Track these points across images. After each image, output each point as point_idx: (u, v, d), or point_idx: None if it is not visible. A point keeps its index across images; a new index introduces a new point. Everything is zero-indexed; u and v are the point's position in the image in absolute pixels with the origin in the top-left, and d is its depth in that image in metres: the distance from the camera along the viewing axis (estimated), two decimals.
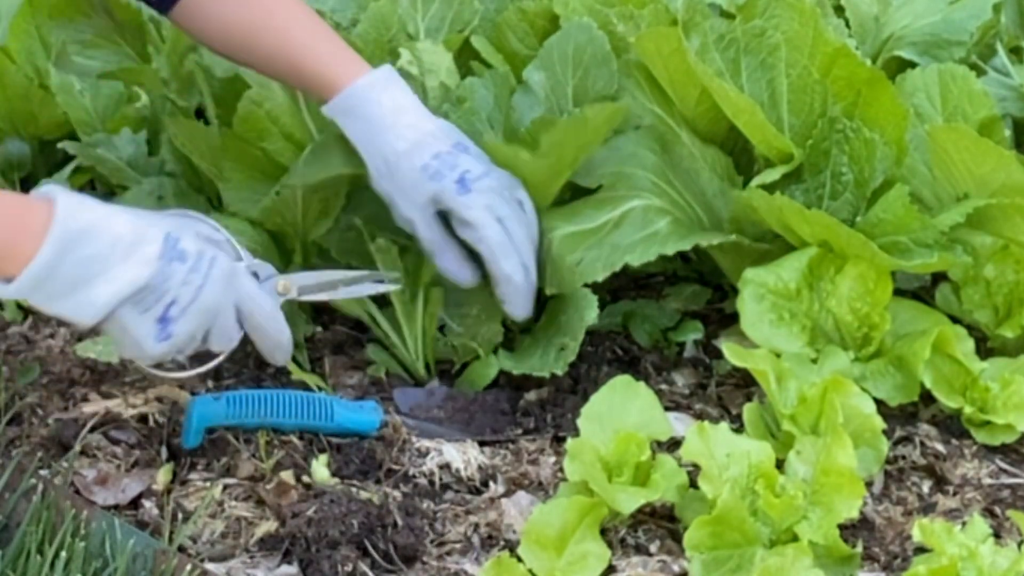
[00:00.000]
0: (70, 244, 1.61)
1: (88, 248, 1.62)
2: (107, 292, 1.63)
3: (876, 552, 1.73)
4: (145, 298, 1.66)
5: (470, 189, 1.93)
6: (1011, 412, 1.89)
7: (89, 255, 1.62)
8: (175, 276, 1.68)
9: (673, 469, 1.76)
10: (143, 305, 1.67)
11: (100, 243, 1.63)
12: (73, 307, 1.64)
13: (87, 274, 1.62)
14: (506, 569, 1.63)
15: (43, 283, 1.61)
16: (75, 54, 2.33)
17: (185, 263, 1.69)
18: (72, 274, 1.61)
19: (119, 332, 1.69)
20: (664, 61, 2.02)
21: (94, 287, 1.63)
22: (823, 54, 2.00)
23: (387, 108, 1.96)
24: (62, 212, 1.61)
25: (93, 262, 1.62)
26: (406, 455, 1.88)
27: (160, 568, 1.64)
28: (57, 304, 1.63)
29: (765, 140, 2.00)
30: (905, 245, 1.90)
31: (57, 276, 1.61)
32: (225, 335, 1.77)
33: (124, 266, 1.64)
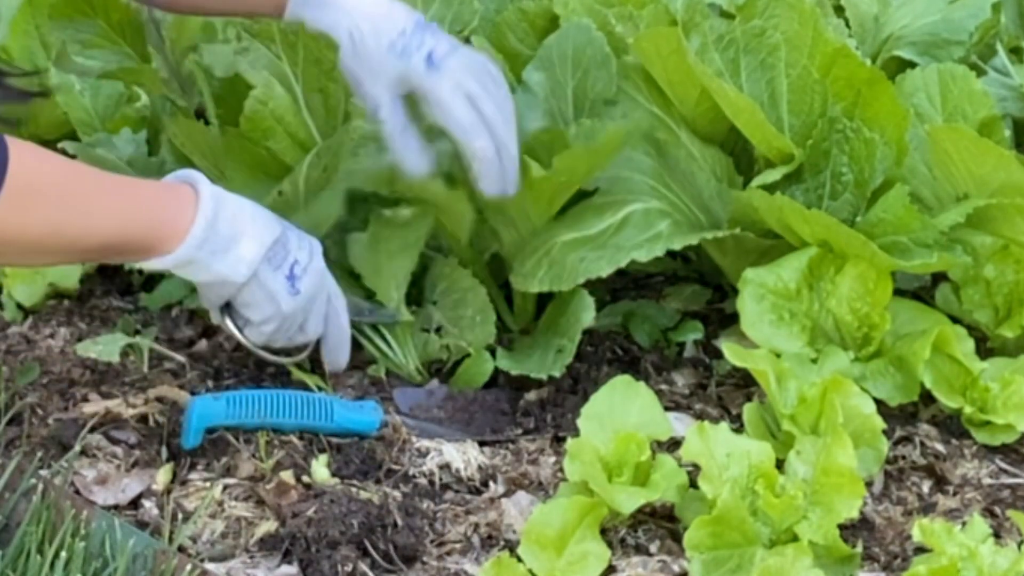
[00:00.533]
0: (220, 205, 1.81)
1: (231, 209, 1.82)
2: (253, 247, 1.83)
3: (876, 552, 1.73)
4: (276, 254, 1.86)
5: (438, 67, 1.92)
6: (1011, 412, 1.89)
7: (233, 214, 1.82)
8: (292, 240, 1.89)
9: (673, 469, 1.76)
10: (275, 262, 1.86)
11: (236, 207, 1.83)
12: (230, 264, 1.83)
13: (236, 232, 1.82)
14: (506, 569, 1.63)
15: (206, 242, 1.79)
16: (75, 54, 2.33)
17: (295, 233, 1.90)
18: (226, 232, 1.81)
19: (258, 290, 1.87)
20: (663, 61, 2.02)
21: (242, 244, 1.82)
22: (823, 54, 2.00)
23: None
24: (205, 183, 1.82)
25: (237, 221, 1.82)
26: (406, 455, 1.88)
27: (160, 568, 1.64)
28: (217, 263, 1.81)
29: (765, 140, 2.00)
30: (905, 245, 1.90)
31: (215, 234, 1.80)
32: (319, 318, 1.94)
33: (259, 224, 1.85)
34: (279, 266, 1.87)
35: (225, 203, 1.82)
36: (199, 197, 1.80)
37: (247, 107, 2.12)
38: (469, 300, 2.08)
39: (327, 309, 1.96)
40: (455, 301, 2.09)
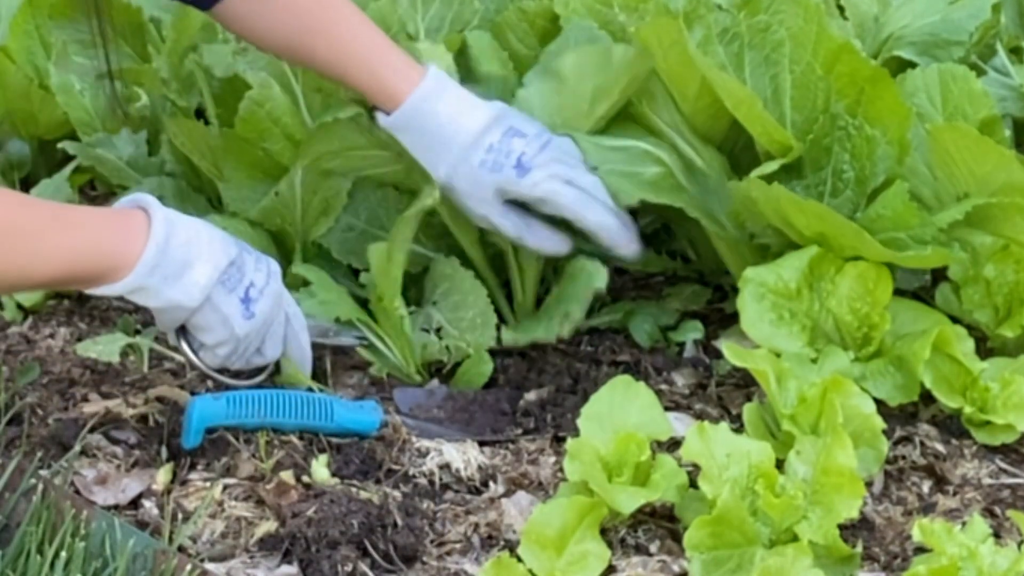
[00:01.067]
0: (171, 231, 1.79)
1: (184, 234, 1.81)
2: (207, 271, 1.82)
3: (876, 552, 1.73)
4: (231, 277, 1.85)
5: (529, 168, 1.99)
6: (1011, 412, 1.89)
7: (186, 239, 1.81)
8: (248, 263, 1.88)
9: (673, 469, 1.76)
10: (230, 284, 1.85)
11: (190, 231, 1.82)
12: (181, 290, 1.81)
13: (189, 257, 1.81)
14: (506, 569, 1.63)
15: (156, 268, 1.78)
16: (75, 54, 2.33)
17: (251, 255, 1.90)
18: (179, 257, 1.80)
19: (212, 314, 1.86)
20: (664, 52, 2.01)
21: (195, 268, 1.81)
22: (827, 50, 2.00)
23: (443, 118, 2.01)
24: (157, 208, 1.81)
25: (191, 245, 1.81)
26: (406, 455, 1.88)
27: (160, 568, 1.64)
28: (168, 288, 1.80)
29: (765, 132, 2.00)
30: (903, 242, 1.89)
31: (168, 260, 1.79)
32: (277, 336, 1.94)
33: (214, 247, 1.84)
34: (233, 288, 1.86)
35: (178, 227, 1.81)
36: (151, 222, 1.79)
37: (242, 108, 2.13)
38: (470, 302, 2.08)
39: (285, 331, 1.96)
40: (456, 303, 2.09)
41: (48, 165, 2.60)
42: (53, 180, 2.47)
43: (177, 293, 1.81)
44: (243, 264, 1.87)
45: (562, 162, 2.01)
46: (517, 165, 1.99)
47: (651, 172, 2.06)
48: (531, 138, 2.01)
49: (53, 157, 2.56)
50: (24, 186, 2.54)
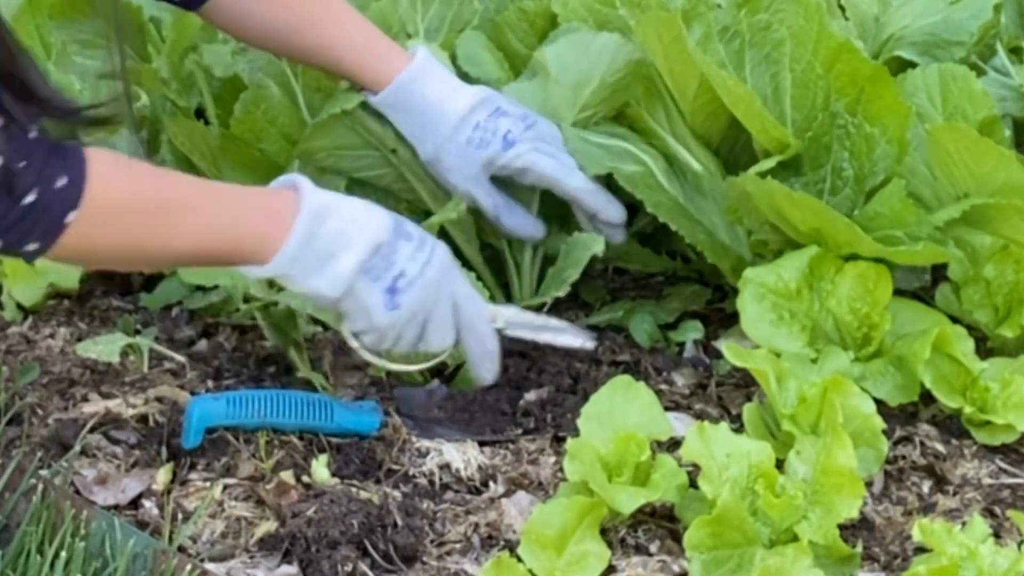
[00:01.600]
0: (319, 220, 1.73)
1: (333, 223, 1.74)
2: (351, 262, 1.75)
3: (876, 552, 1.73)
4: (376, 266, 1.77)
5: (514, 143, 2.03)
6: (1011, 412, 1.89)
7: (335, 229, 1.74)
8: (403, 251, 1.79)
9: (673, 469, 1.76)
10: (374, 274, 1.77)
11: (342, 218, 1.76)
12: (325, 280, 1.75)
13: (334, 247, 1.74)
14: (506, 569, 1.63)
15: (298, 259, 1.73)
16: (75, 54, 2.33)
17: (411, 242, 1.80)
18: (322, 248, 1.74)
19: (353, 302, 1.79)
20: (664, 49, 2.01)
21: (339, 259, 1.75)
22: (827, 49, 2.00)
23: (429, 98, 2.03)
24: (308, 194, 1.74)
25: (339, 235, 1.75)
26: (406, 455, 1.88)
27: (160, 568, 1.64)
28: (310, 279, 1.75)
29: (764, 130, 2.00)
30: (900, 240, 1.89)
31: (310, 251, 1.73)
32: (442, 329, 1.85)
33: (364, 232, 1.76)
34: (379, 277, 1.78)
35: (328, 215, 1.75)
36: (299, 211, 1.73)
37: (237, 109, 2.13)
38: None
39: (459, 321, 1.86)
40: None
41: None
42: None
43: (318, 283, 1.75)
44: (394, 251, 1.78)
45: (544, 140, 2.06)
46: (504, 141, 2.03)
47: (630, 169, 2.08)
48: (516, 118, 2.05)
49: None
50: None
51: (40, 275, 2.31)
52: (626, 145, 2.10)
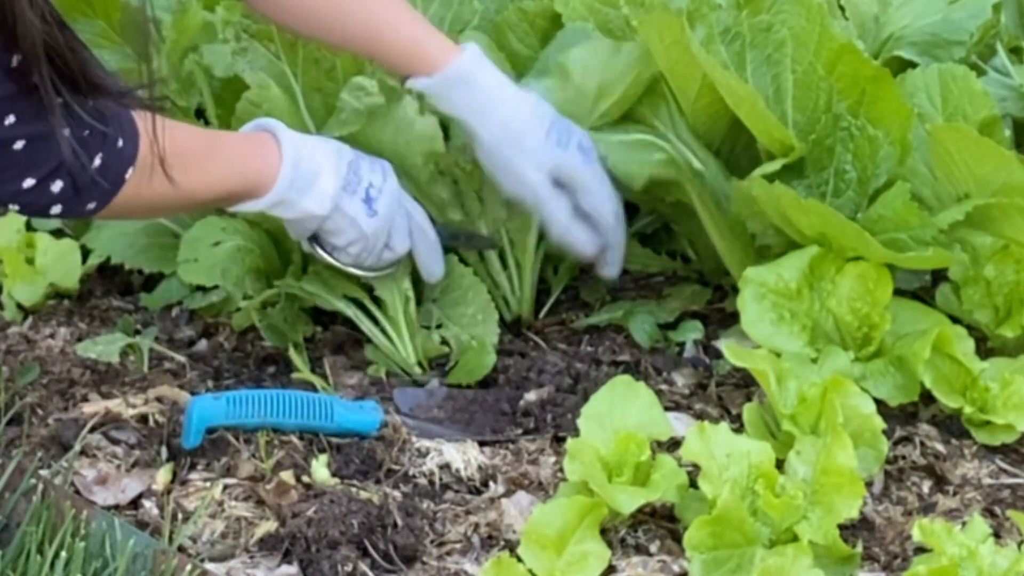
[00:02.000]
0: (299, 148, 1.94)
1: (308, 151, 1.95)
2: (331, 180, 1.95)
3: (876, 552, 1.73)
4: (351, 182, 1.97)
5: (591, 160, 2.07)
6: (1011, 412, 1.89)
7: (310, 156, 1.95)
8: (364, 165, 2.00)
9: (673, 469, 1.76)
10: (351, 188, 1.97)
11: (312, 148, 1.96)
12: (314, 199, 1.95)
13: (316, 168, 1.94)
14: (506, 569, 1.63)
15: (294, 181, 1.93)
16: None
17: (365, 160, 2.01)
18: (307, 171, 1.94)
19: (340, 218, 1.98)
20: (667, 50, 2.01)
21: (322, 178, 1.95)
22: (829, 51, 2.00)
23: (495, 81, 2.05)
24: (283, 131, 1.95)
25: (315, 158, 1.95)
26: (406, 455, 1.88)
27: (160, 568, 1.64)
28: (303, 199, 1.94)
29: (767, 131, 2.00)
30: (904, 242, 1.89)
31: (300, 174, 1.93)
32: (402, 233, 2.03)
33: (332, 156, 1.97)
34: (355, 191, 1.97)
35: (303, 144, 1.95)
36: (280, 143, 1.93)
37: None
38: (470, 298, 2.08)
39: (409, 224, 2.04)
40: (455, 299, 2.09)
41: None
42: None
43: (310, 203, 1.94)
44: (359, 167, 1.98)
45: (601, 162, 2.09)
46: (580, 149, 2.05)
47: (656, 157, 2.09)
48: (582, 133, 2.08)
49: None
50: None
51: (40, 275, 2.31)
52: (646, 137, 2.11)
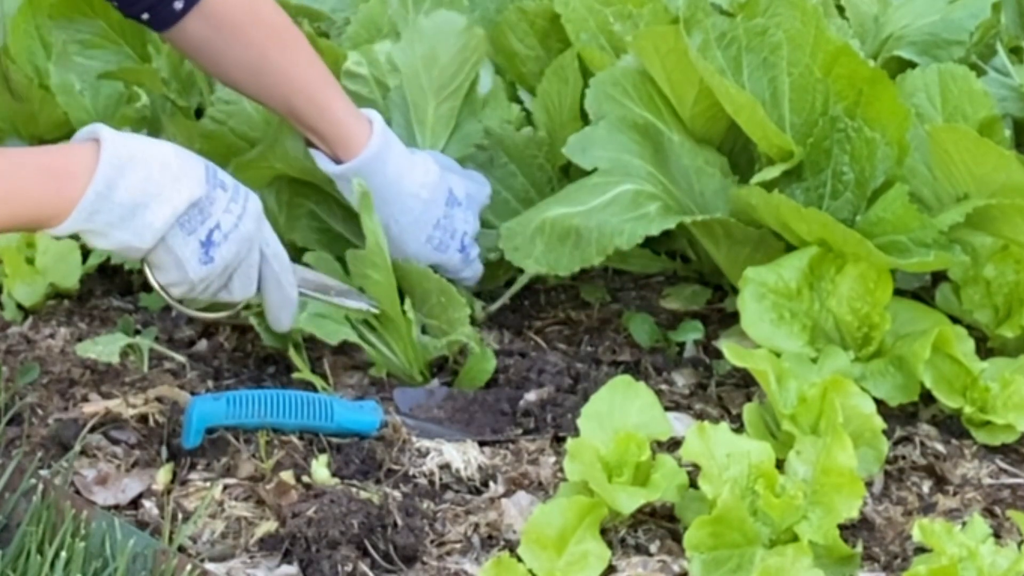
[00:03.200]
0: (121, 171, 1.68)
1: (140, 172, 1.70)
2: (163, 213, 1.71)
3: (876, 552, 1.73)
4: (192, 219, 1.74)
5: (471, 260, 2.15)
6: (1011, 412, 1.89)
7: (142, 178, 1.70)
8: (218, 202, 1.76)
9: (673, 469, 1.76)
10: (189, 227, 1.74)
11: (151, 168, 1.71)
12: (132, 233, 1.71)
13: (143, 198, 1.70)
14: (506, 569, 1.63)
15: (97, 214, 1.68)
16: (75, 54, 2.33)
17: (226, 192, 1.78)
18: (128, 200, 1.69)
19: (165, 255, 1.76)
20: (662, 60, 2.02)
21: (151, 209, 1.70)
22: (825, 53, 2.00)
23: (391, 176, 2.05)
24: (109, 145, 1.69)
25: (147, 185, 1.70)
26: (406, 455, 1.88)
27: (160, 568, 1.64)
28: (116, 233, 1.70)
29: (766, 137, 2.00)
30: (904, 245, 1.90)
31: (112, 204, 1.68)
32: (247, 280, 1.84)
33: (176, 186, 1.72)
34: (194, 231, 1.75)
35: (133, 165, 1.69)
36: (98, 163, 1.68)
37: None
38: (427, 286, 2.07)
39: (263, 271, 1.86)
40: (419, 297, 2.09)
41: None
42: None
43: (127, 235, 1.71)
44: (211, 204, 1.75)
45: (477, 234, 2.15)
46: (461, 250, 2.13)
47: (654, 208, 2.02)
48: (465, 207, 2.12)
49: None
50: None
51: (40, 275, 2.31)
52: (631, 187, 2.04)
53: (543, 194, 2.21)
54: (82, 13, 2.31)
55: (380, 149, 2.04)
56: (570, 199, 2.03)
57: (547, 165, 2.25)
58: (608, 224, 1.96)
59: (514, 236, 2.04)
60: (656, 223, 1.96)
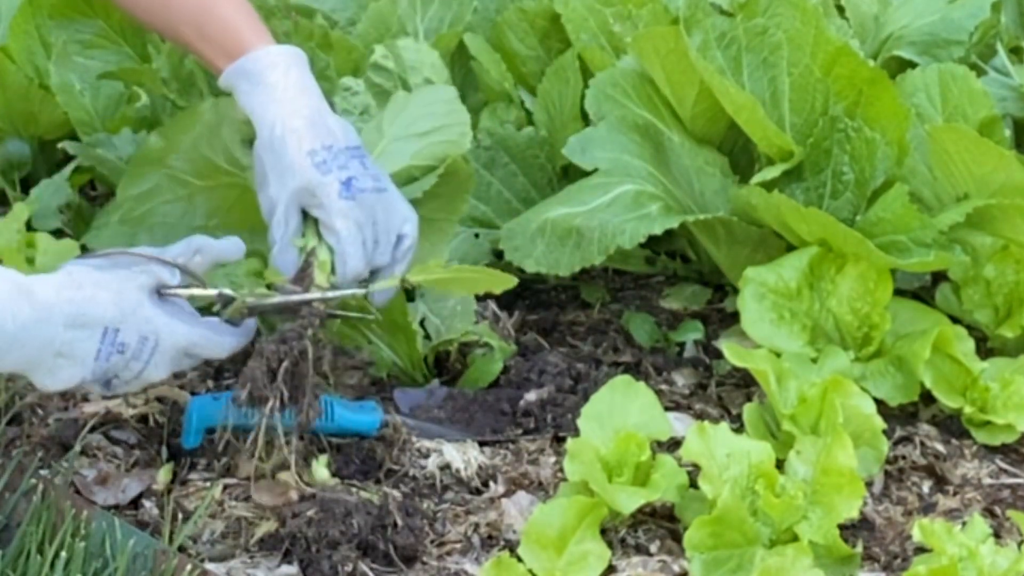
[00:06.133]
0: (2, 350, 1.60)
1: (15, 354, 1.61)
2: (46, 382, 1.65)
3: (876, 552, 1.73)
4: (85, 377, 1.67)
5: (353, 197, 1.79)
6: (1011, 412, 1.89)
7: (17, 359, 1.62)
8: (114, 367, 1.68)
9: (673, 469, 1.76)
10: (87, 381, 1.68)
11: (27, 349, 1.61)
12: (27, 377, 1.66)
13: (22, 370, 1.64)
14: (506, 569, 1.63)
15: None
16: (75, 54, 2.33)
17: (125, 354, 1.68)
18: (7, 370, 1.63)
19: None
20: (662, 60, 2.02)
21: (33, 376, 1.64)
22: (825, 53, 2.00)
23: (292, 81, 1.83)
24: None
25: (23, 363, 1.63)
26: (406, 455, 1.88)
27: (160, 568, 1.64)
28: None
29: (766, 137, 2.00)
30: (904, 244, 1.90)
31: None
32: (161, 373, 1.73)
33: (59, 362, 1.64)
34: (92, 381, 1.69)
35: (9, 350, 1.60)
36: None
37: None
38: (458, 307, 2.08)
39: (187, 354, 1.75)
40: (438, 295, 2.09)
41: (48, 165, 2.60)
42: (53, 180, 2.46)
43: None
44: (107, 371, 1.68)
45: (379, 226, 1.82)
46: (345, 183, 1.79)
47: (655, 208, 2.02)
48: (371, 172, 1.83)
49: (53, 157, 2.56)
50: (24, 186, 2.54)
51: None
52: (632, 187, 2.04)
53: (544, 194, 2.21)
54: (82, 13, 2.31)
55: (288, 54, 1.84)
56: (571, 199, 2.03)
57: (548, 165, 2.25)
58: (610, 224, 1.97)
59: (515, 236, 2.04)
60: (658, 222, 1.96)
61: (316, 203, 1.80)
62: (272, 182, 1.82)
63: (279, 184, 1.81)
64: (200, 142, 2.02)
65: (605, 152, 2.07)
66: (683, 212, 2.03)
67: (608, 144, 2.08)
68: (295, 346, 1.74)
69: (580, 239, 1.98)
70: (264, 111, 1.82)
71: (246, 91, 1.84)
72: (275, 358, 1.73)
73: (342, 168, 1.80)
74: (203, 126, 2.01)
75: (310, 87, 1.85)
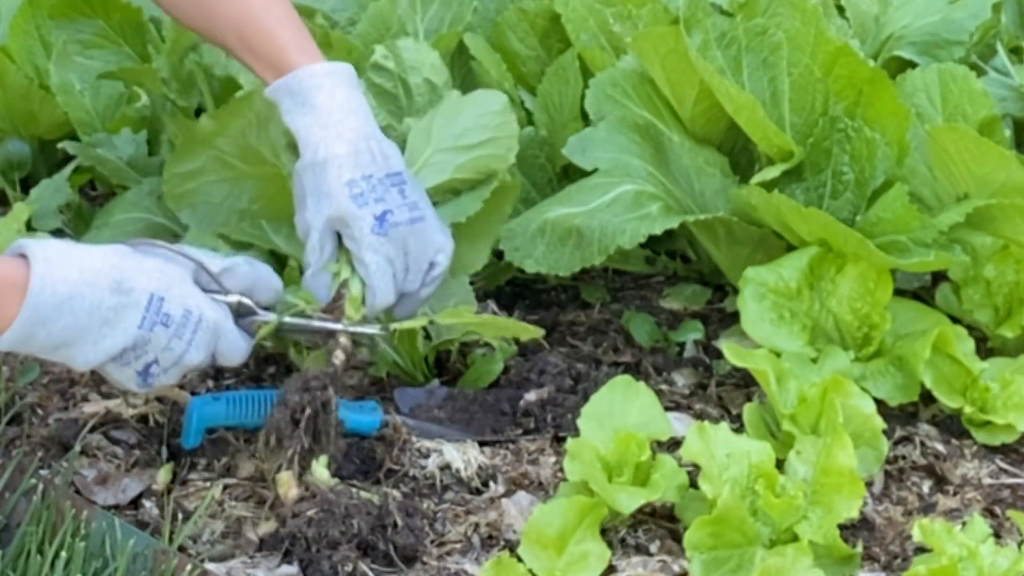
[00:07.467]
0: (43, 319, 1.60)
1: (65, 319, 1.62)
2: (88, 354, 1.65)
3: (876, 552, 1.73)
4: (126, 355, 1.67)
5: (386, 232, 1.80)
6: (1011, 412, 1.89)
7: (66, 326, 1.62)
8: (156, 341, 1.67)
9: (673, 469, 1.76)
10: (123, 360, 1.67)
11: (77, 314, 1.62)
12: (61, 360, 1.66)
13: (67, 339, 1.63)
14: (506, 569, 1.63)
15: (22, 346, 1.62)
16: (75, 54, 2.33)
17: (169, 328, 1.67)
18: (49, 344, 1.62)
19: (104, 374, 1.71)
20: (662, 60, 2.02)
21: (76, 348, 1.64)
22: (825, 53, 2.00)
23: (337, 103, 1.82)
24: (36, 285, 1.60)
25: (71, 331, 1.62)
26: (406, 455, 1.88)
27: (160, 568, 1.64)
28: (46, 356, 1.66)
29: (766, 137, 2.00)
30: (904, 244, 1.90)
31: (34, 344, 1.62)
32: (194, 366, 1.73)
33: (103, 331, 1.64)
34: (128, 363, 1.68)
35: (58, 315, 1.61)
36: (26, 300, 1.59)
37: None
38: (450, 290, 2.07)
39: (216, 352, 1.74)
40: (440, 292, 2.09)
41: (48, 165, 2.61)
42: (53, 180, 2.47)
43: (59, 358, 1.66)
44: (145, 344, 1.67)
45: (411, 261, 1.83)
46: (379, 218, 1.79)
47: (655, 208, 2.02)
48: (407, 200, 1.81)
49: (53, 157, 2.56)
50: (24, 186, 2.54)
51: None
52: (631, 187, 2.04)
53: (544, 194, 2.21)
54: (82, 13, 2.31)
55: (336, 72, 1.82)
56: (571, 199, 2.03)
57: (548, 165, 2.25)
58: (610, 224, 1.97)
59: (515, 236, 2.04)
60: (658, 222, 1.97)
61: (349, 234, 1.80)
62: (310, 206, 1.82)
63: (315, 209, 1.81)
64: (249, 130, 2.02)
65: (605, 152, 2.07)
66: (683, 212, 2.03)
67: (608, 144, 2.08)
68: (319, 396, 1.75)
69: (580, 239, 1.98)
70: (308, 133, 1.81)
71: (290, 109, 1.83)
72: (298, 407, 1.74)
73: (379, 201, 1.80)
74: (253, 115, 2.01)
75: (357, 107, 1.83)
